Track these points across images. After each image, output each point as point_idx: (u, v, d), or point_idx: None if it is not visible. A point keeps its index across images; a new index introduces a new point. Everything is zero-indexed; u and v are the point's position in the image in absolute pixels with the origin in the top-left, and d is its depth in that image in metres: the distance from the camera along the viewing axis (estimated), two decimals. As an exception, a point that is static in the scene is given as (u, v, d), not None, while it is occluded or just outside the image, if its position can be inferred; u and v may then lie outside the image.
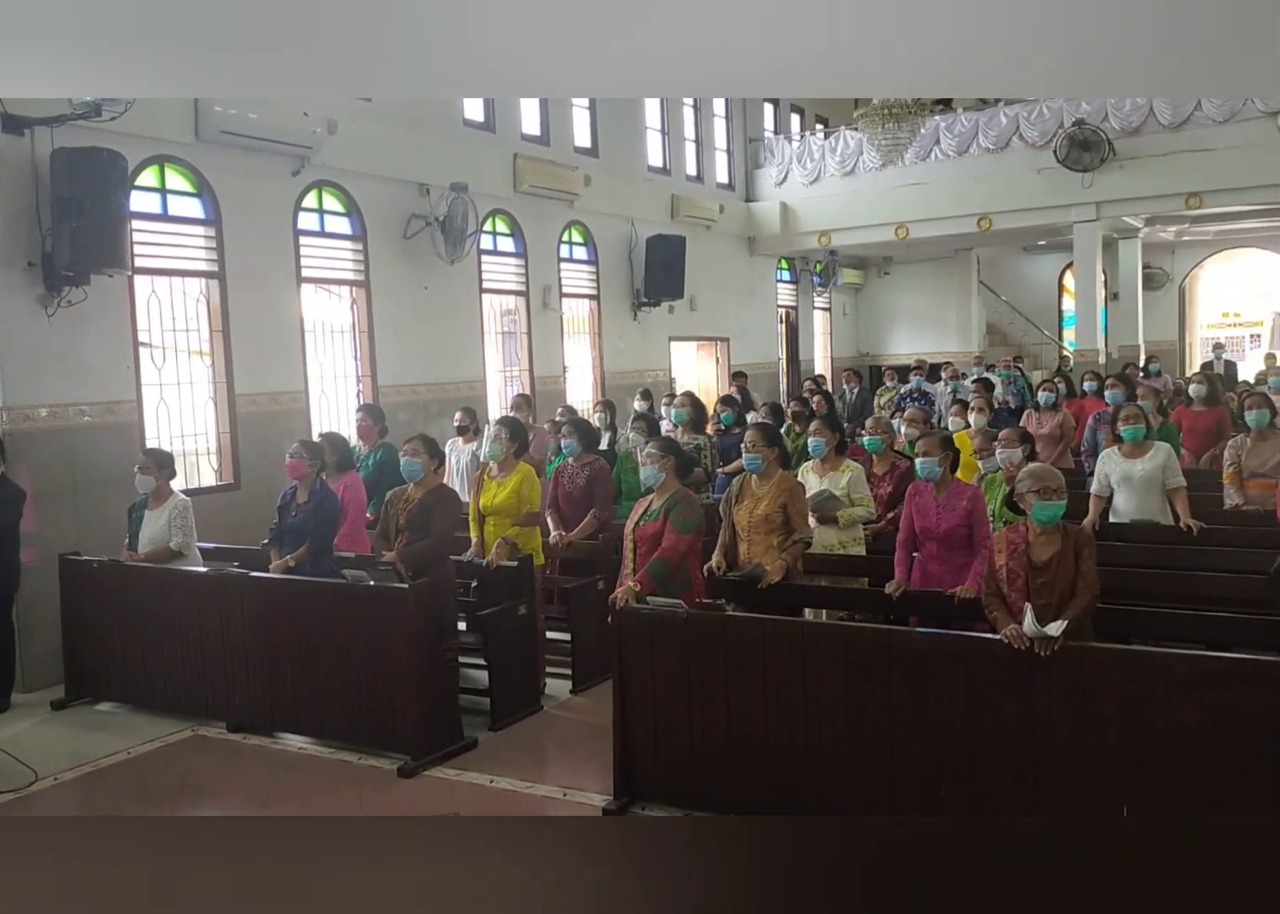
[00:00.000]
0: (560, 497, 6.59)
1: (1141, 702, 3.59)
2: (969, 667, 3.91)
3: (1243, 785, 3.45)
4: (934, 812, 3.95)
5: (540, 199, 12.36)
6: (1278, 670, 3.52)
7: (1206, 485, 7.07)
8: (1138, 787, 3.61)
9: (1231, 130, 13.79)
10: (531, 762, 5.25)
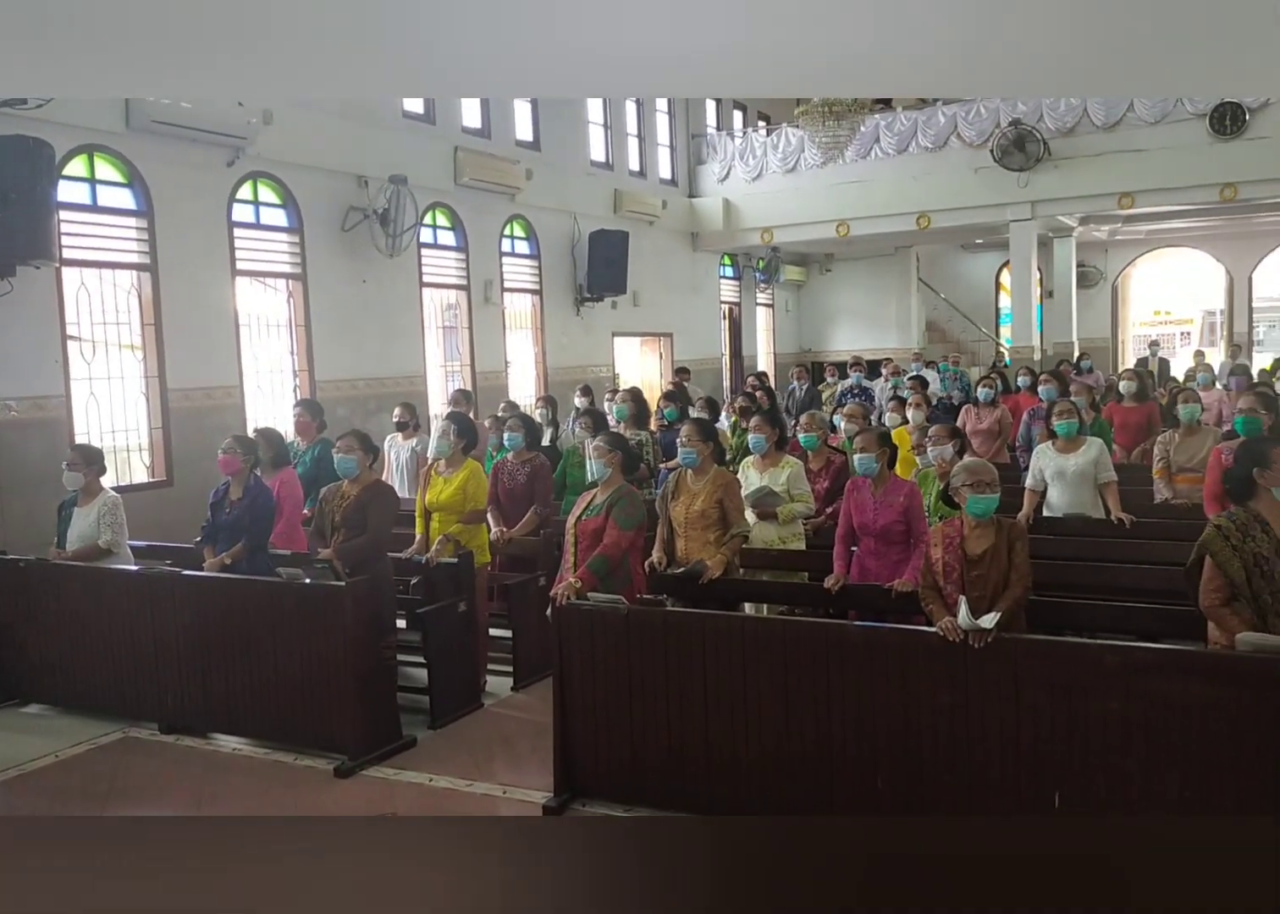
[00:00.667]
0: (500, 493, 6.54)
1: (1072, 692, 3.65)
2: (905, 659, 3.95)
3: (1170, 772, 3.52)
4: (871, 801, 3.99)
5: (481, 192, 12.28)
6: (1203, 659, 3.61)
7: (1137, 480, 7.22)
8: (1069, 776, 3.67)
9: (1162, 131, 14.10)
10: (471, 760, 5.20)
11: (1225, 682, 3.45)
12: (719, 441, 5.51)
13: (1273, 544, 3.66)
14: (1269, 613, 3.63)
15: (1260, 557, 3.65)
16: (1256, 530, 3.70)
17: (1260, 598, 3.64)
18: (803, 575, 5.72)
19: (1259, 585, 3.64)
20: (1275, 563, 3.63)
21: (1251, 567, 3.65)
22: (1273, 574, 3.63)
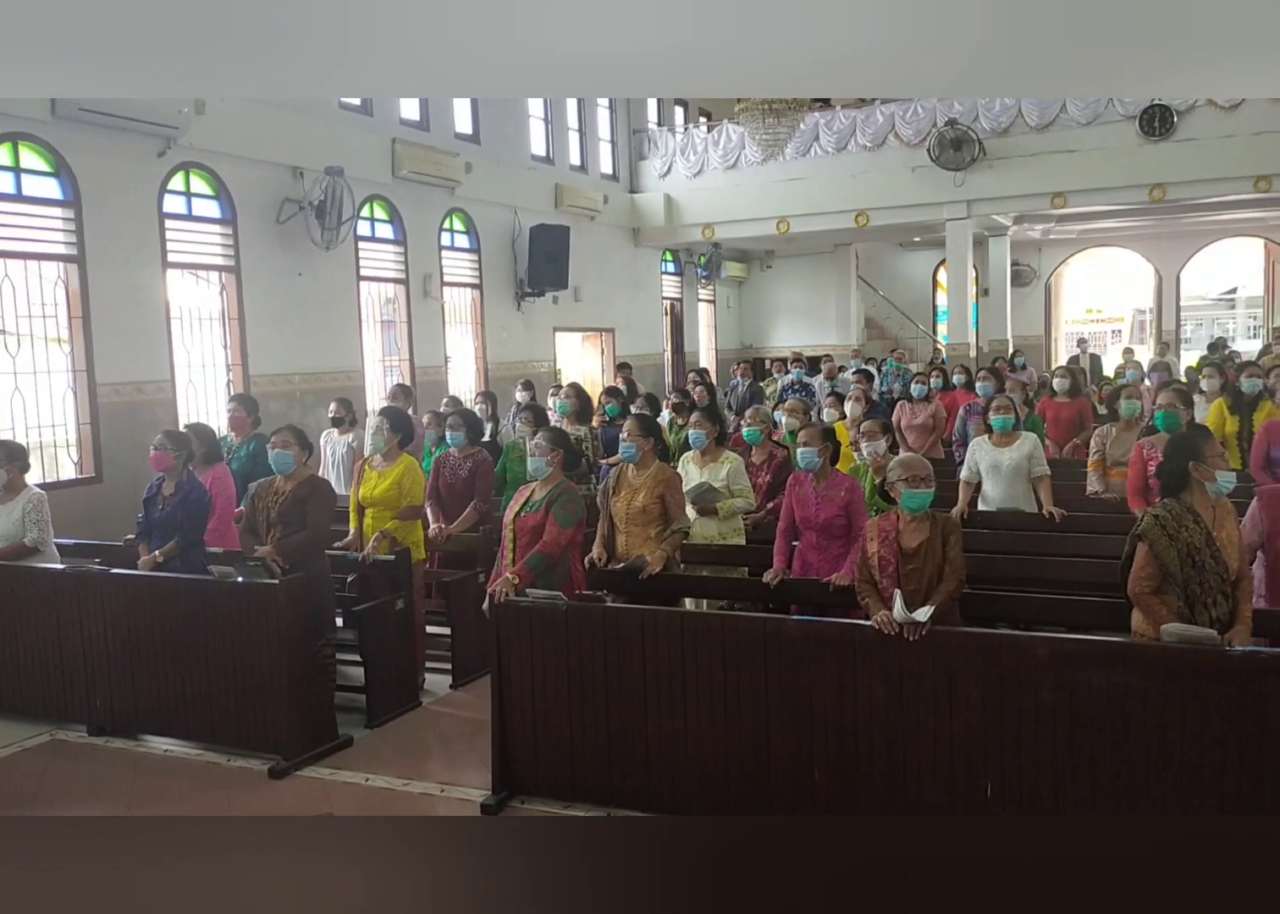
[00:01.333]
0: (441, 488, 6.49)
1: (1004, 683, 3.71)
2: (842, 652, 3.98)
3: (1099, 760, 3.60)
4: (808, 792, 4.02)
5: (420, 185, 12.16)
6: (1129, 650, 3.68)
7: (1069, 474, 7.37)
8: (1000, 765, 3.73)
9: (1094, 132, 14.38)
10: (408, 759, 5.16)
11: (1151, 671, 3.53)
12: (661, 437, 5.51)
13: (1203, 535, 3.76)
14: (1197, 603, 3.72)
15: (1193, 547, 3.74)
16: (1189, 521, 3.79)
17: (1190, 588, 3.73)
18: (743, 571, 5.74)
19: (1189, 575, 3.73)
20: (1205, 554, 3.73)
21: (1185, 557, 3.74)
22: (1203, 565, 3.72)
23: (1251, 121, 13.67)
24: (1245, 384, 7.41)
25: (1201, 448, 3.89)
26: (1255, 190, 14.07)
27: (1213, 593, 3.73)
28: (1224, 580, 3.74)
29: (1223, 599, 3.74)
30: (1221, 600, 3.73)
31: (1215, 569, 3.73)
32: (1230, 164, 13.75)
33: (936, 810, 3.82)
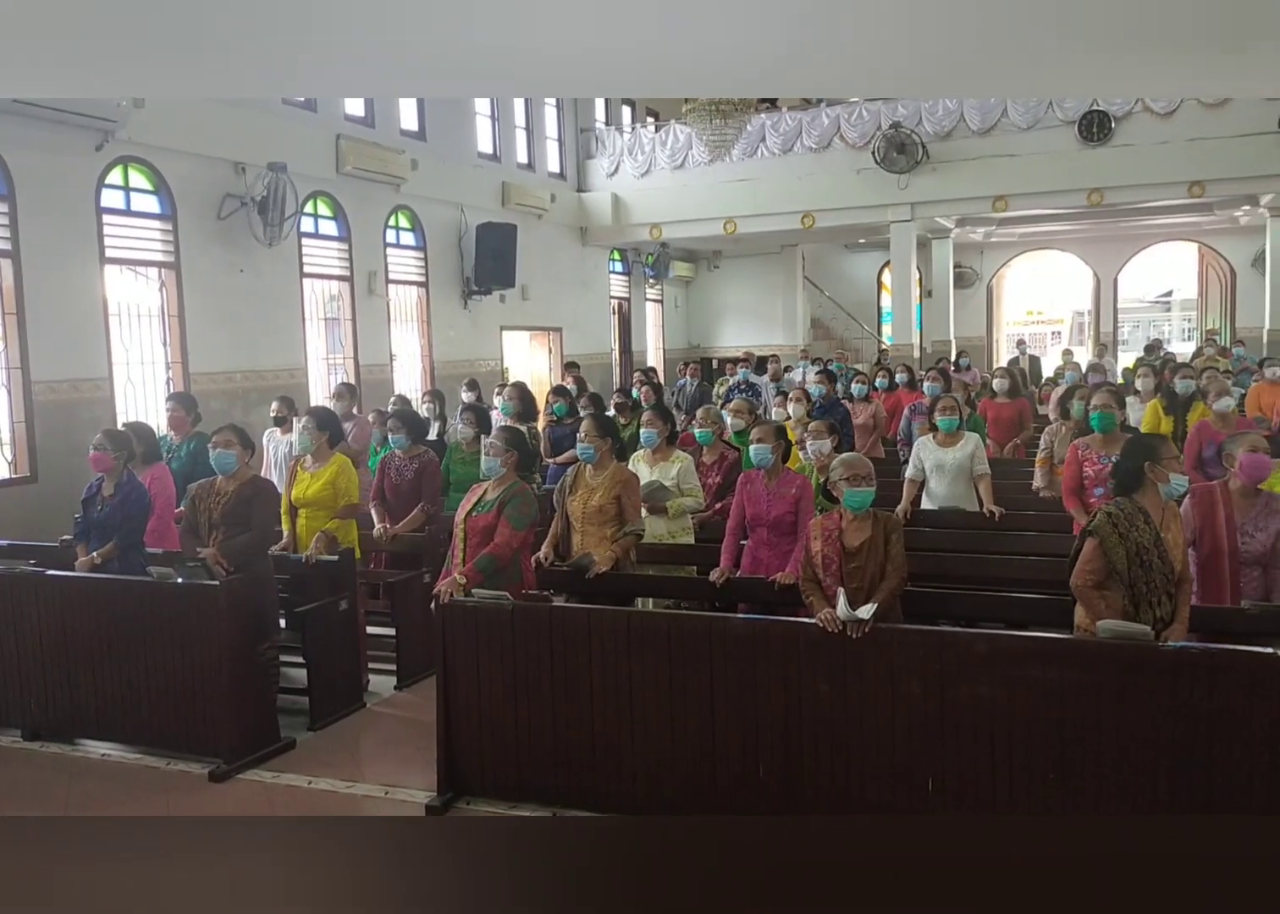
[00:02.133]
0: (387, 489, 6.43)
1: (945, 679, 3.76)
2: (786, 650, 4.01)
3: (1036, 754, 3.66)
4: (754, 790, 4.05)
5: (365, 182, 12.05)
6: (1066, 645, 3.76)
7: (1009, 474, 7.49)
8: (941, 760, 3.78)
9: (1035, 137, 14.64)
10: (352, 761, 5.11)
11: (1087, 666, 3.61)
12: (618, 437, 5.51)
13: (1153, 536, 3.84)
14: (1142, 602, 3.80)
15: (1142, 547, 3.81)
16: (1140, 521, 3.86)
17: (1136, 587, 3.81)
18: (691, 569, 5.76)
19: (1136, 575, 3.81)
20: (1153, 554, 3.81)
21: (1133, 556, 3.81)
22: (1150, 565, 3.80)
23: (1186, 128, 14.01)
24: (1179, 385, 7.59)
25: (1158, 449, 3.96)
26: (1189, 195, 14.42)
27: (1158, 593, 3.81)
28: (1169, 581, 3.82)
29: (1166, 599, 3.82)
30: (1165, 600, 3.82)
31: (1162, 569, 3.81)
32: (1166, 169, 14.08)
33: (879, 805, 3.87)
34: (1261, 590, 4.33)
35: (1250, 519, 4.34)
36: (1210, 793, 3.47)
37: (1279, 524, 4.34)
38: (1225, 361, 12.78)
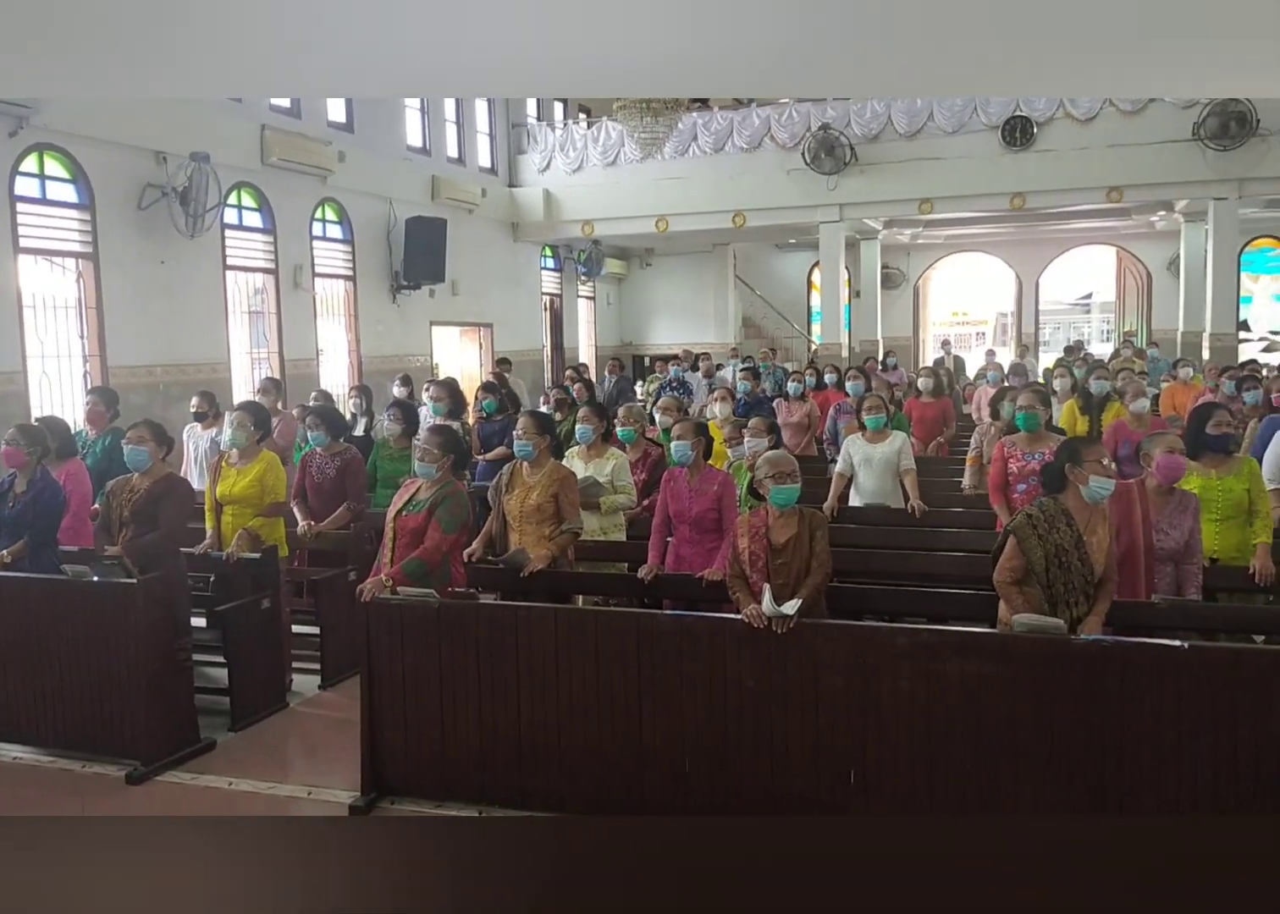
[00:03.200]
0: (308, 487, 6.31)
1: (867, 673, 3.82)
2: (713, 646, 4.04)
3: (954, 746, 3.73)
4: (680, 785, 4.07)
5: (290, 173, 11.84)
6: (983, 639, 3.84)
7: (933, 471, 7.63)
8: (863, 753, 3.84)
9: (960, 141, 14.90)
10: (274, 761, 5.03)
11: (1003, 660, 3.69)
12: (555, 435, 5.48)
13: (1073, 537, 3.92)
14: (1060, 602, 3.89)
15: (1061, 548, 3.90)
16: (1061, 523, 3.95)
17: (1054, 587, 3.90)
18: (621, 566, 5.77)
19: (1055, 575, 3.90)
20: (1072, 555, 3.89)
21: (1052, 556, 3.90)
22: (1069, 566, 3.89)
23: (1105, 134, 14.38)
24: (1094, 385, 7.79)
25: (1080, 452, 4.05)
26: (1108, 200, 14.81)
27: (1075, 593, 3.90)
28: (1088, 582, 3.91)
29: (1084, 599, 3.91)
30: (1084, 600, 3.91)
31: (1081, 571, 3.90)
32: (1085, 175, 14.44)
33: (803, 798, 3.91)
34: (1173, 585, 4.47)
35: (1165, 517, 4.47)
36: (1120, 781, 3.57)
37: (1191, 521, 4.48)
38: (1141, 363, 13.15)
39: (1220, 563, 4.81)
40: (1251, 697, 3.45)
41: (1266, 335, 19.75)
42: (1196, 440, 4.93)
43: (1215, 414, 5.01)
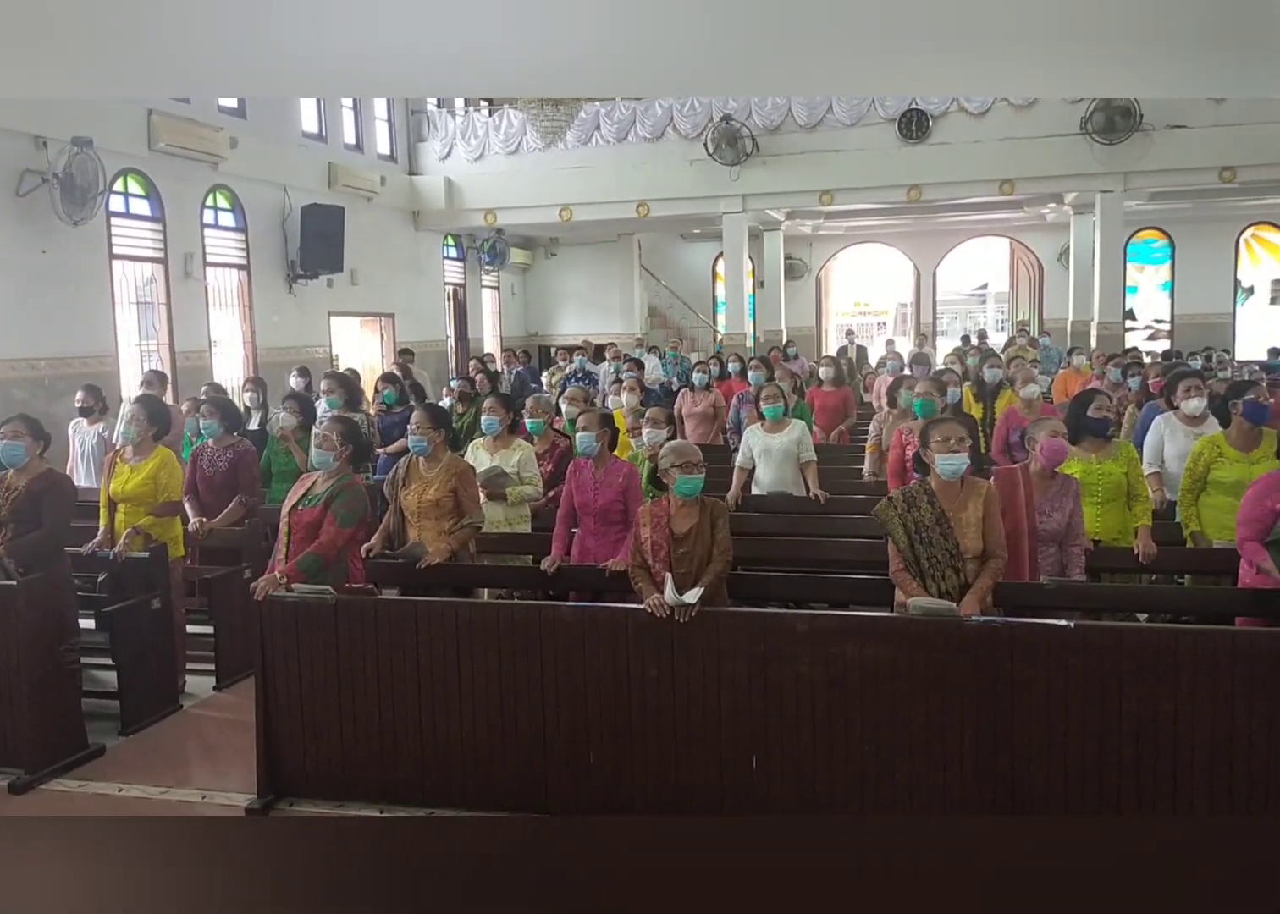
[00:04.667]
0: (199, 481, 6.13)
1: (768, 659, 3.86)
2: (615, 636, 4.04)
3: (853, 729, 3.80)
4: (583, 776, 4.06)
5: (179, 159, 11.47)
6: (880, 623, 3.91)
7: (834, 459, 7.74)
8: (764, 738, 3.88)
9: (858, 134, 15.13)
10: (167, 765, 4.88)
11: (900, 643, 3.76)
12: (451, 428, 5.42)
13: (935, 514, 4.02)
14: (926, 576, 3.99)
15: (921, 525, 4.00)
16: (923, 501, 4.05)
17: (920, 563, 4.00)
18: (526, 558, 5.73)
19: (919, 551, 4.00)
20: (934, 531, 3.99)
21: (913, 533, 4.00)
22: (930, 541, 3.99)
23: (998, 128, 14.74)
24: (987, 374, 8.00)
25: (928, 434, 4.16)
26: (1000, 193, 15.19)
27: (941, 567, 3.99)
28: (953, 556, 4.00)
29: (952, 573, 4.00)
30: (951, 574, 4.00)
31: (944, 546, 4.00)
32: (979, 168, 14.79)
33: (706, 785, 3.94)
34: (1057, 566, 4.61)
35: (1048, 499, 4.61)
36: (1012, 756, 3.67)
37: (1072, 504, 4.63)
38: (1034, 351, 13.53)
39: (1103, 544, 4.98)
40: (1135, 672, 3.57)
41: (1151, 324, 20.52)
42: (1078, 424, 5.10)
43: (1096, 399, 5.18)
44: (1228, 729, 3.49)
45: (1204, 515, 5.07)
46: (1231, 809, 3.50)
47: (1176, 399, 5.83)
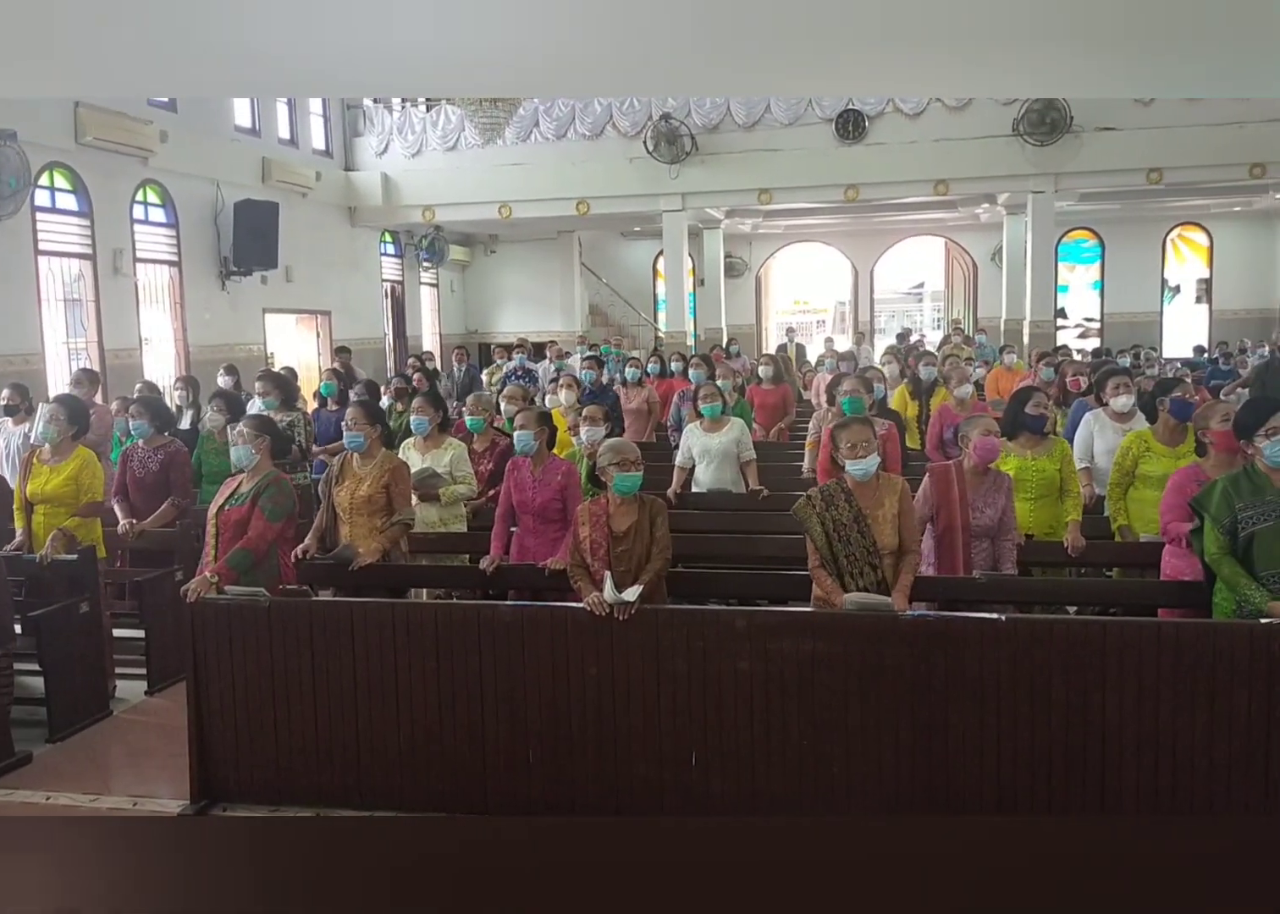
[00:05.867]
0: (130, 483, 6.00)
1: (708, 656, 3.88)
2: (555, 635, 4.03)
3: (790, 722, 3.83)
4: (523, 776, 4.05)
5: (108, 153, 11.20)
6: (816, 619, 3.95)
7: (774, 456, 7.80)
8: (704, 734, 3.90)
9: (795, 133, 15.24)
10: (97, 772, 4.77)
11: (835, 637, 3.80)
12: (386, 424, 5.37)
13: (852, 513, 4.07)
14: (845, 573, 4.04)
15: (839, 523, 4.06)
16: (841, 500, 4.10)
17: (839, 560, 4.05)
18: (463, 557, 5.70)
19: (838, 549, 4.06)
20: (852, 529, 4.05)
21: (831, 531, 4.05)
22: (849, 539, 4.04)
23: (932, 129, 14.94)
24: (922, 372, 8.10)
25: (837, 438, 4.20)
26: (935, 193, 15.41)
27: (859, 564, 4.05)
28: (871, 553, 4.06)
29: (869, 570, 4.05)
30: (869, 571, 4.05)
31: (862, 543, 4.05)
32: (914, 168, 14.99)
33: (646, 782, 3.95)
34: (990, 561, 4.69)
35: (980, 495, 4.68)
36: (946, 747, 3.72)
37: (1004, 500, 4.71)
38: (969, 349, 13.74)
39: (1035, 539, 5.08)
40: (1064, 663, 3.65)
41: (1082, 322, 20.95)
42: (1015, 420, 5.20)
43: (1034, 396, 5.29)
44: (1153, 716, 3.58)
45: (1131, 509, 5.19)
46: (1157, 794, 3.59)
47: (1105, 396, 5.96)
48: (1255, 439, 3.94)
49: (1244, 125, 14.01)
